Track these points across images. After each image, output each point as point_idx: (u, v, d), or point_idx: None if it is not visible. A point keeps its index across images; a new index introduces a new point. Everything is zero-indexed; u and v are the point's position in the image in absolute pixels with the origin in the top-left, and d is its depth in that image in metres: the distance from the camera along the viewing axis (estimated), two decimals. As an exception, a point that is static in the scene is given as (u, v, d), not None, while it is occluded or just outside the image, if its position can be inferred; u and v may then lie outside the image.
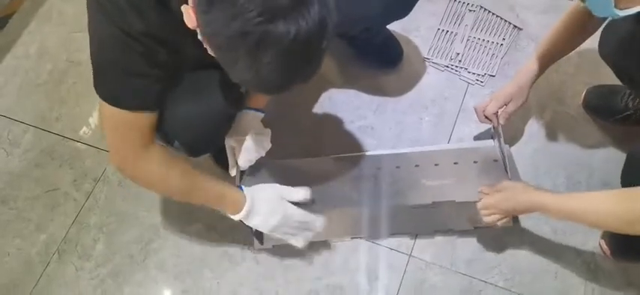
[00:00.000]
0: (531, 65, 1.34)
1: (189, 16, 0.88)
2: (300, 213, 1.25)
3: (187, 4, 0.89)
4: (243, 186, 1.25)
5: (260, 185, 1.26)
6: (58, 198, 1.53)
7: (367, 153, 1.47)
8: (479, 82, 1.61)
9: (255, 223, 1.24)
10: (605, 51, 1.27)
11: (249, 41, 0.80)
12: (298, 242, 1.27)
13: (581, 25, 1.27)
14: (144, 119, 1.09)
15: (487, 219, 1.25)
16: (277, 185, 1.27)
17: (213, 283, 1.40)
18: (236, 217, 1.23)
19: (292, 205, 1.25)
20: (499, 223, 1.25)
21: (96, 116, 1.65)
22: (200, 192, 1.20)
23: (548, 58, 1.34)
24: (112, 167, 1.18)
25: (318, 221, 1.27)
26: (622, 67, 1.27)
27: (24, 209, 1.53)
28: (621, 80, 1.32)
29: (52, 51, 1.78)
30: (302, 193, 1.26)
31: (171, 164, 1.15)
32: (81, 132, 1.63)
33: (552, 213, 1.14)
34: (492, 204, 1.23)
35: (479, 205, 1.26)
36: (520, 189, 1.21)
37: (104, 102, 1.07)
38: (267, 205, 1.23)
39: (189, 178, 1.18)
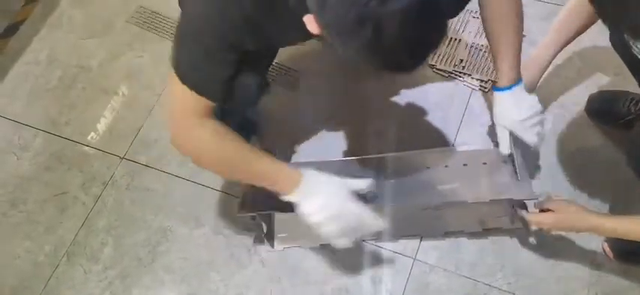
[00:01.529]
0: (539, 54, 1.33)
1: (311, 23, 0.89)
2: (360, 209, 1.15)
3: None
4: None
5: (319, 173, 1.16)
6: (67, 202, 1.56)
7: (375, 156, 1.46)
8: (482, 88, 1.62)
9: (308, 209, 1.13)
10: (616, 37, 1.25)
11: (367, 27, 0.80)
12: (341, 242, 1.17)
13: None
14: (207, 101, 1.10)
15: (534, 227, 1.28)
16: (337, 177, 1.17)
17: (220, 285, 1.41)
18: (288, 197, 1.14)
19: (354, 197, 1.15)
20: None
21: (104, 121, 1.68)
22: (252, 164, 1.15)
23: (557, 44, 1.32)
24: (170, 138, 1.16)
25: (376, 223, 1.17)
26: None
27: (34, 212, 1.55)
28: (631, 71, 1.29)
29: (62, 57, 1.81)
30: (365, 183, 1.17)
31: (225, 134, 1.13)
32: (89, 136, 1.65)
33: (608, 234, 1.17)
34: (548, 224, 1.24)
35: (533, 220, 1.26)
36: (574, 212, 1.22)
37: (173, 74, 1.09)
38: (327, 189, 1.15)
39: (242, 150, 1.15)
